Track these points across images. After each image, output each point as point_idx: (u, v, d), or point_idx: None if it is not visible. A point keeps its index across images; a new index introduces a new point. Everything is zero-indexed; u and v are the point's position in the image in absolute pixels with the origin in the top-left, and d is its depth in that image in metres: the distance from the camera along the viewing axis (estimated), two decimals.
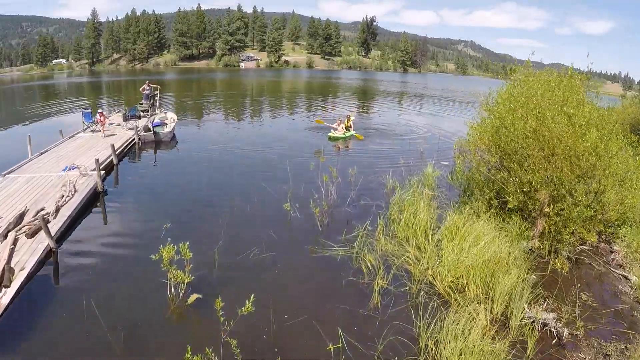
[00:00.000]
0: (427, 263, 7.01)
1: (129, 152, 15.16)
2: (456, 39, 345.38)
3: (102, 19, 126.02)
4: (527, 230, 8.06)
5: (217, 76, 68.55)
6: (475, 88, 66.55)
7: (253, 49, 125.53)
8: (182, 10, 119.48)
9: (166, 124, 17.50)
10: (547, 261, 7.62)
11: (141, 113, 18.91)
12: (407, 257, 7.24)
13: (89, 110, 17.29)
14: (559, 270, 7.40)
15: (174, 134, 17.29)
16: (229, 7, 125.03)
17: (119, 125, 17.99)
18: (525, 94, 8.70)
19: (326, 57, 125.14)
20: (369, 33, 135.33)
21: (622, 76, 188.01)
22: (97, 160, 10.88)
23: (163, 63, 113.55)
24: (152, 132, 16.12)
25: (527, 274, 6.65)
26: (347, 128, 18.04)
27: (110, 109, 24.49)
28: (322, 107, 30.65)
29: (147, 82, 20.71)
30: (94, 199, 10.27)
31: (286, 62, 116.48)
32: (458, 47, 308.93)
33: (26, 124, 21.88)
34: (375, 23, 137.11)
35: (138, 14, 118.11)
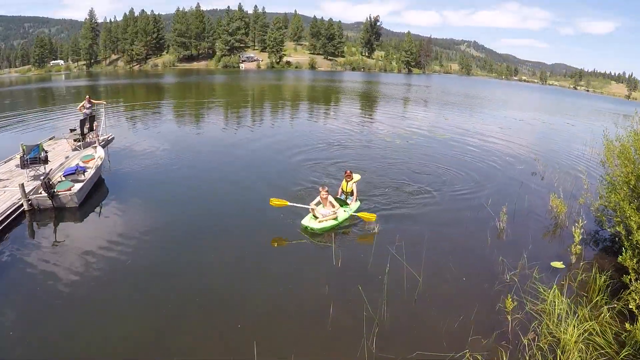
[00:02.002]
0: None
1: (14, 226, 8.33)
2: (459, 39, 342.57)
3: (106, 19, 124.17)
4: None
5: (214, 79, 65.77)
6: (494, 92, 64.69)
7: (254, 49, 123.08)
8: (180, 9, 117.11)
9: (85, 171, 10.67)
10: None
11: (47, 155, 11.42)
12: None
13: None
14: None
15: (102, 182, 11.14)
16: (229, 7, 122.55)
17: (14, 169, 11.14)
18: None
19: (329, 57, 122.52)
20: (372, 33, 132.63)
21: (627, 76, 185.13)
22: None
23: (161, 64, 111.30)
24: (47, 195, 9.05)
25: None
26: (346, 197, 9.18)
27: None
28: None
29: (87, 97, 15.50)
30: None
31: (288, 62, 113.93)
32: (461, 48, 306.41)
33: None
34: (378, 23, 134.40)
35: (136, 14, 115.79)
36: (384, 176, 11.89)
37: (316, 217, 8.23)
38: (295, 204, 8.44)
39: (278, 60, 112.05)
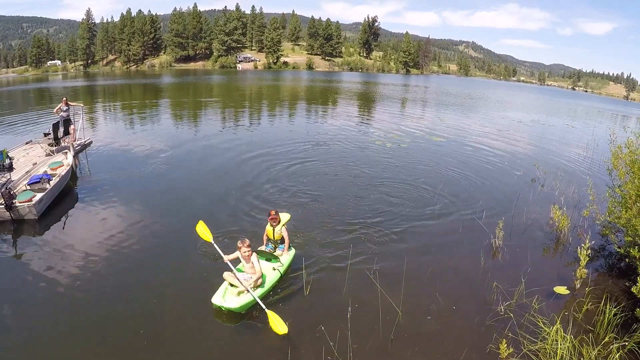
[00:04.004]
0: None
1: None
2: (457, 39, 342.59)
3: (103, 19, 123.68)
4: None
5: (210, 80, 64.98)
6: (493, 92, 63.81)
7: (252, 49, 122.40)
8: (177, 9, 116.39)
9: (50, 180, 9.69)
10: None
11: (12, 162, 10.67)
12: None
13: None
14: None
15: (70, 190, 10.35)
16: (226, 7, 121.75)
17: None
18: None
19: (327, 58, 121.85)
20: (370, 33, 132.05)
21: (625, 77, 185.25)
22: None
23: (158, 64, 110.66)
24: (4, 207, 8.26)
25: None
26: (275, 247, 6.70)
27: None
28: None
29: (64, 99, 14.84)
30: None
31: (285, 63, 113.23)
32: (459, 48, 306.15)
33: None
34: (376, 23, 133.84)
35: (133, 14, 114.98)
36: (365, 185, 10.93)
37: (233, 286, 5.69)
38: (217, 246, 6.20)
39: (275, 61, 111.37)
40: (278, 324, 4.88)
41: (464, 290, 6.14)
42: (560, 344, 4.61)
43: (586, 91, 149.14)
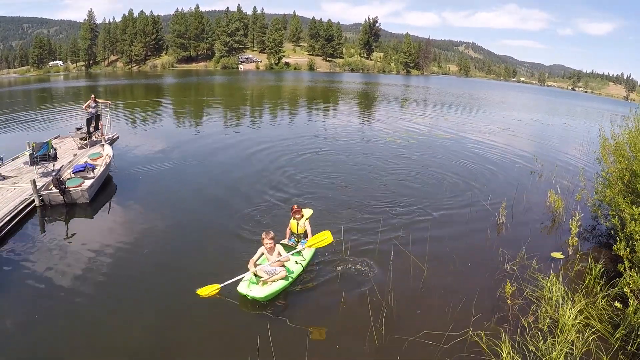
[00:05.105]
0: None
1: (25, 221, 8.52)
2: (457, 40, 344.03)
3: (101, 20, 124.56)
4: None
5: (213, 80, 65.95)
6: (493, 93, 64.95)
7: (253, 50, 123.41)
8: (179, 10, 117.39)
9: (94, 169, 10.80)
10: None
11: (57, 152, 11.69)
12: None
13: None
14: None
15: (110, 179, 11.33)
16: (228, 8, 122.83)
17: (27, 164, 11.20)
18: None
19: (328, 58, 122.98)
20: (371, 34, 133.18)
21: (625, 78, 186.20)
22: None
23: (160, 65, 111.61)
24: (58, 191, 9.28)
25: None
26: (297, 241, 7.02)
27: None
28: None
29: (93, 96, 15.34)
30: None
31: (287, 64, 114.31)
32: (459, 49, 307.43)
33: None
34: (377, 24, 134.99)
35: (135, 15, 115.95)
36: (385, 175, 12.13)
37: (258, 277, 5.98)
38: (226, 282, 5.87)
39: (277, 62, 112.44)
40: (322, 239, 6.15)
41: (476, 254, 7.35)
42: (555, 292, 5.65)
43: (586, 92, 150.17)
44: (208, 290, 5.77)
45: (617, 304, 5.30)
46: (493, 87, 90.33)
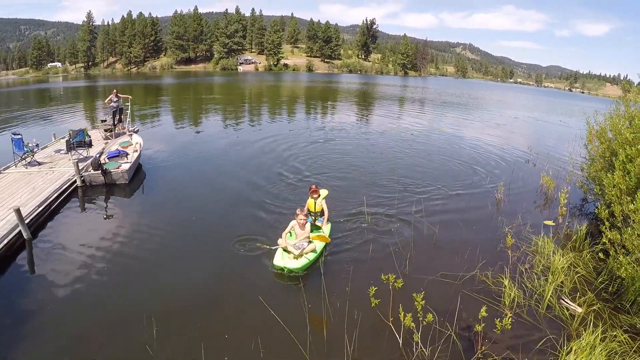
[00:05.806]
0: None
1: (67, 201, 9.47)
2: (454, 41, 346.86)
3: (100, 21, 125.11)
4: None
5: (213, 81, 66.87)
6: (491, 93, 66.50)
7: (252, 51, 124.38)
8: (178, 12, 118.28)
9: (127, 155, 11.88)
10: None
11: (91, 140, 12.98)
12: None
13: (20, 137, 11.96)
14: None
15: (140, 166, 12.15)
16: (226, 9, 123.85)
17: (59, 152, 12.45)
18: None
19: (326, 60, 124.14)
20: (369, 36, 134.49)
21: (622, 78, 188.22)
22: None
23: (159, 66, 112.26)
24: (100, 172, 10.42)
25: None
26: (315, 219, 7.69)
27: (51, 133, 15.23)
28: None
29: (115, 91, 16.17)
30: None
31: (285, 65, 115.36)
32: (457, 50, 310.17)
33: None
34: (375, 26, 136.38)
35: (134, 16, 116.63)
36: (395, 161, 13.43)
37: (287, 252, 6.54)
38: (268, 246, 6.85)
39: (275, 63, 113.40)
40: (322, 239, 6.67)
41: (479, 221, 8.56)
42: (547, 247, 6.69)
43: (583, 92, 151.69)
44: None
45: (600, 255, 6.31)
46: (491, 88, 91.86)
